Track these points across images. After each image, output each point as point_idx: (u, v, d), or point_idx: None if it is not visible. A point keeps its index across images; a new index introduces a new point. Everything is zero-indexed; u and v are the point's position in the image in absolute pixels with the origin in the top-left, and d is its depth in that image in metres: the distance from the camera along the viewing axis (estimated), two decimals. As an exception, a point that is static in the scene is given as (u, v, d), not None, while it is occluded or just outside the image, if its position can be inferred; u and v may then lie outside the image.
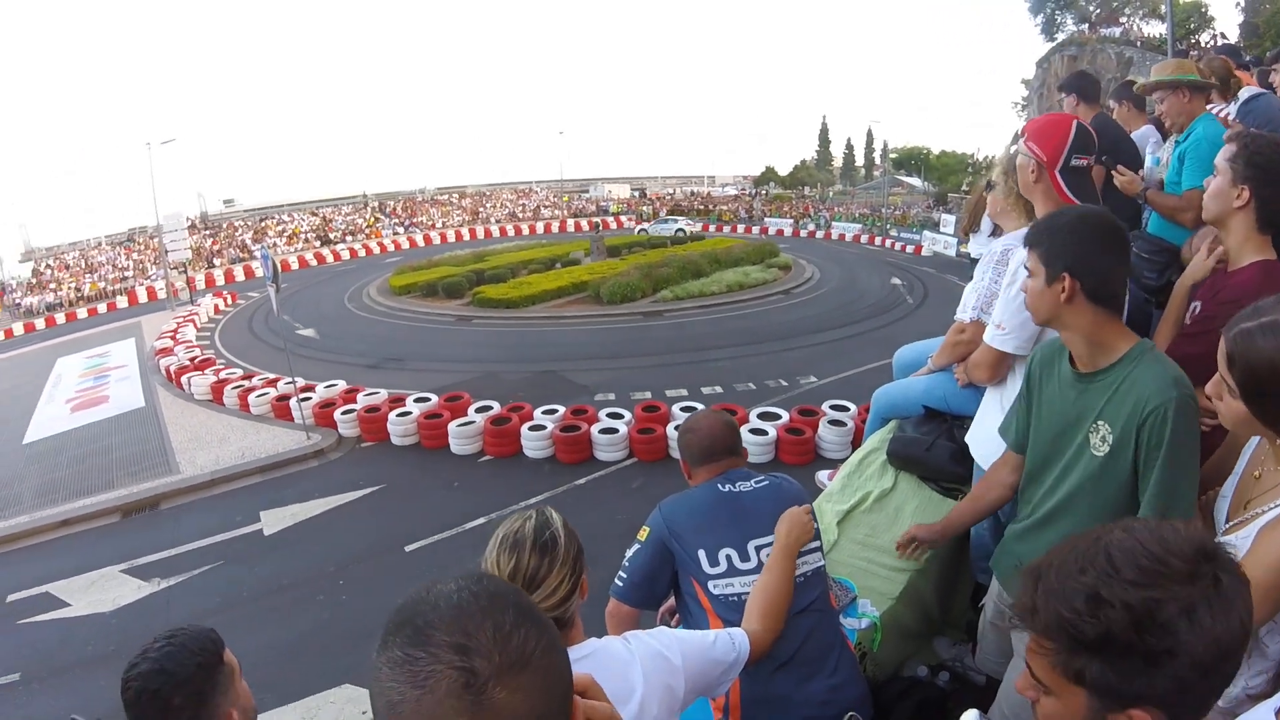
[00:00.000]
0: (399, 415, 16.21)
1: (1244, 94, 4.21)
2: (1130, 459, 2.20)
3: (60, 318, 44.80)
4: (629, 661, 1.83)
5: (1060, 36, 45.15)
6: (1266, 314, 1.71)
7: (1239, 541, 1.88)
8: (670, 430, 14.19)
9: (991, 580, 2.98)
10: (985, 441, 3.15)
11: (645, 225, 54.07)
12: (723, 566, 2.60)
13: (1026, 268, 2.39)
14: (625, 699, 1.75)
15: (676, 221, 52.81)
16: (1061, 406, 2.42)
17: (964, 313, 3.60)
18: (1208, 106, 4.48)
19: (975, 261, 3.72)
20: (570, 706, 0.99)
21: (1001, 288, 3.11)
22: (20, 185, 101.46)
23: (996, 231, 3.68)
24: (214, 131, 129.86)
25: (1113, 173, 4.26)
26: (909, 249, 45.42)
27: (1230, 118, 4.20)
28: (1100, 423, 2.26)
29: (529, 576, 1.75)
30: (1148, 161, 4.39)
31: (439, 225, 64.31)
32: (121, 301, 46.66)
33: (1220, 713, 1.97)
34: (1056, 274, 2.25)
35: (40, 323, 44.23)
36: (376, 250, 56.83)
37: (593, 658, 1.80)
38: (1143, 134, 5.22)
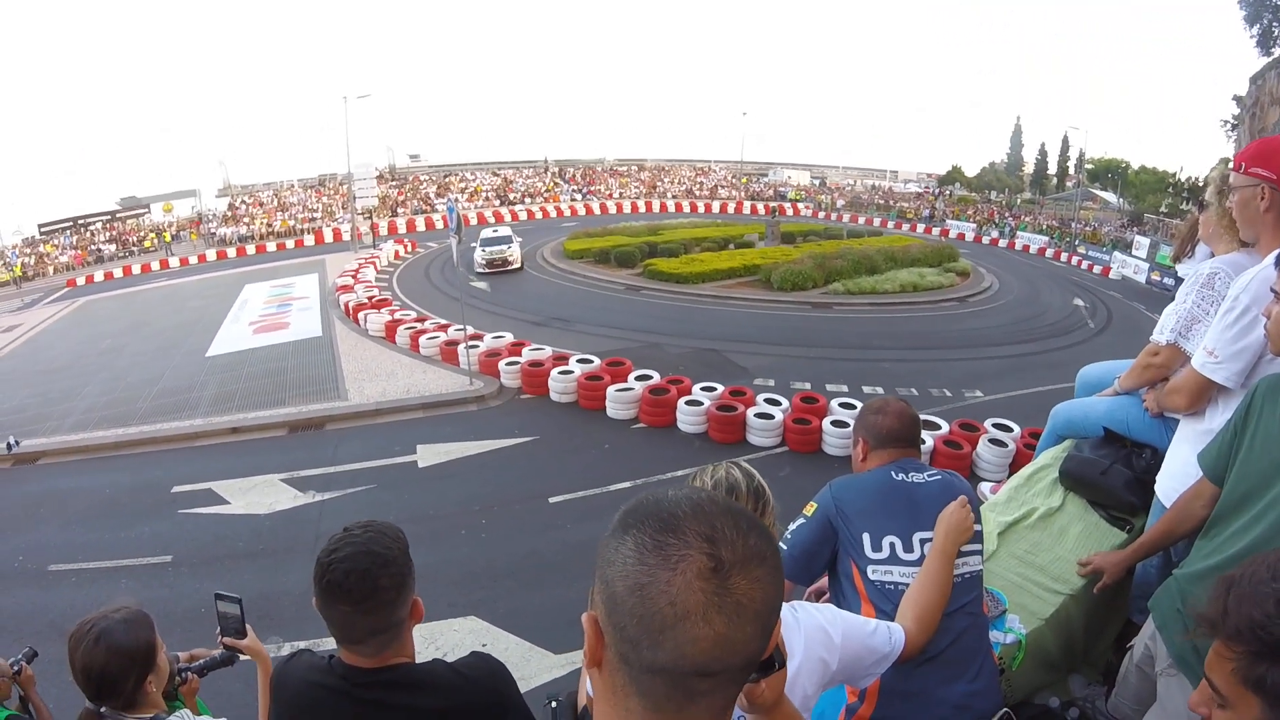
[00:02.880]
0: (561, 373, 16.68)
1: None
2: None
3: (250, 249, 48.10)
4: (793, 628, 1.89)
5: (1277, 51, 41.70)
6: None
7: None
8: (827, 424, 14.06)
9: (1147, 621, 2.87)
10: (1174, 477, 2.99)
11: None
12: (885, 553, 2.60)
13: (1275, 289, 2.26)
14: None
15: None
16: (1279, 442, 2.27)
17: (1160, 335, 3.42)
18: None
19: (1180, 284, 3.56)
20: (781, 607, 1.07)
21: (1218, 314, 2.90)
22: (223, 127, 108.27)
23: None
24: (406, 89, 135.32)
25: None
26: (1096, 269, 43.28)
27: None
28: None
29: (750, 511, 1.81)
30: None
31: (616, 195, 65.07)
32: (308, 239, 49.62)
33: None
34: None
35: (232, 251, 47.62)
36: (554, 214, 58.15)
37: None
38: None
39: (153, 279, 41.69)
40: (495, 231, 37.36)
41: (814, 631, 1.90)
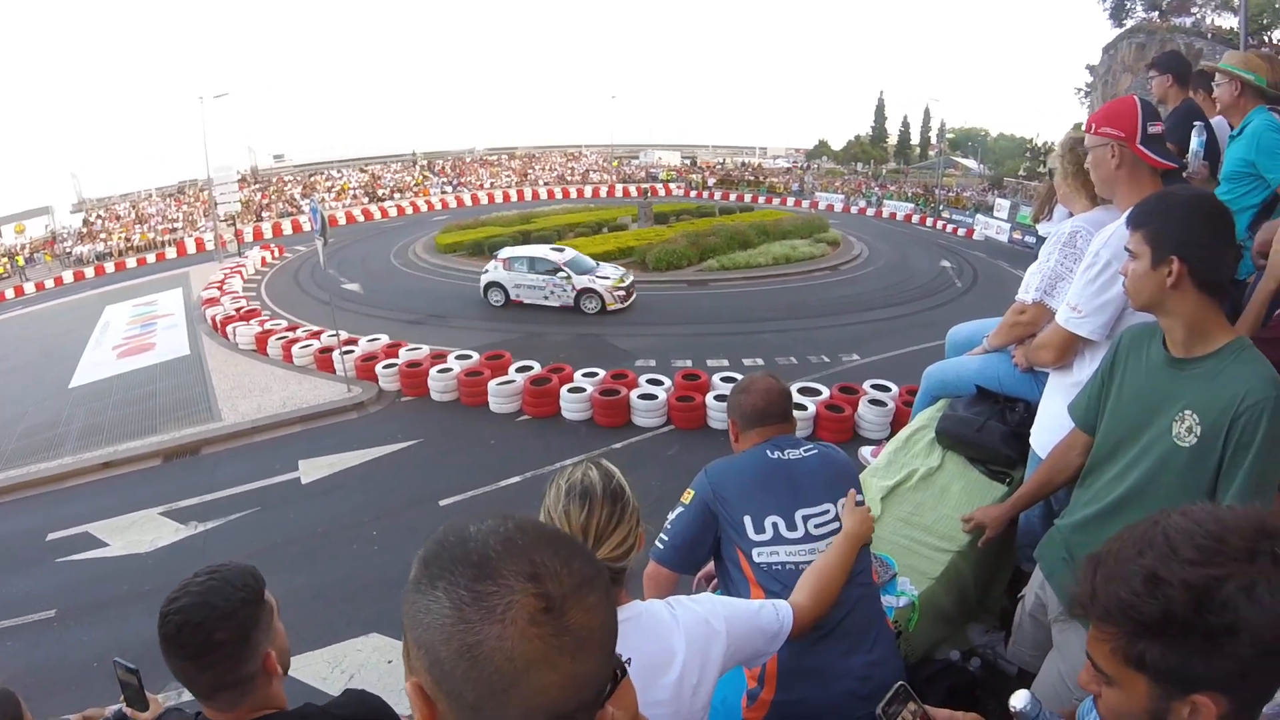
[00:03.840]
0: (440, 371, 16.37)
1: None
2: (1218, 453, 2.12)
3: (110, 267, 45.54)
4: (672, 627, 1.81)
5: (1129, 23, 44.15)
6: None
7: None
8: (710, 400, 14.19)
9: (1035, 570, 2.91)
10: (1047, 429, 3.06)
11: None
12: (768, 534, 2.55)
13: (1129, 249, 2.30)
14: (666, 664, 1.73)
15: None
16: (1147, 390, 2.33)
17: (1025, 293, 3.49)
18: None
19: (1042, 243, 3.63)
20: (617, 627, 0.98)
21: (1078, 270, 3.00)
22: (73, 136, 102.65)
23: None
24: (266, 86, 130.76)
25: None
26: (961, 232, 44.83)
27: None
28: (1188, 412, 2.18)
29: (601, 527, 1.71)
30: (1193, 144, 4.30)
31: (487, 185, 64.33)
32: (170, 252, 47.37)
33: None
34: (1163, 256, 2.16)
35: (90, 271, 45.00)
36: (424, 208, 56.98)
37: (637, 620, 1.77)
38: (1219, 122, 5.07)
39: (7, 308, 38.86)
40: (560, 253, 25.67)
41: (694, 626, 1.82)
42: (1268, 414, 2.01)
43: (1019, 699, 1.77)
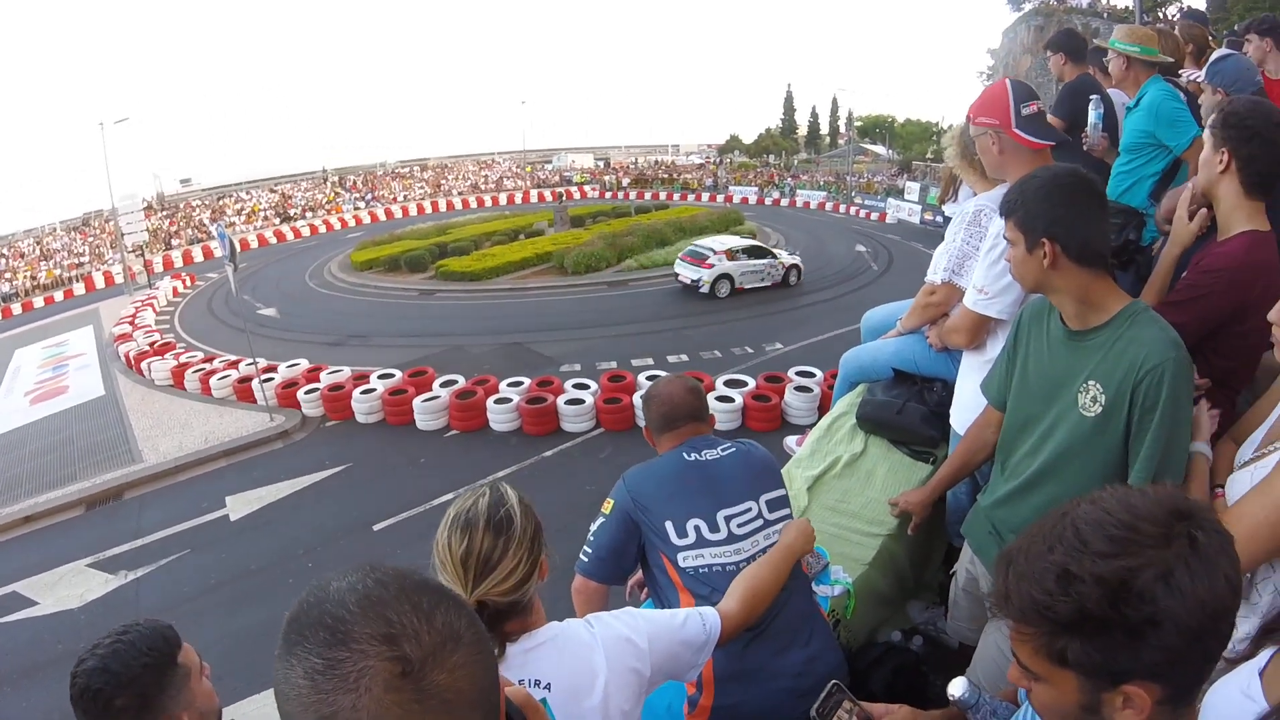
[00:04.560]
0: (363, 393, 16.06)
1: (1213, 56, 4.21)
2: (1124, 420, 2.15)
3: (16, 308, 43.39)
4: (591, 646, 1.74)
5: (1027, 6, 45.43)
6: None
7: (1255, 473, 1.87)
8: (637, 400, 14.12)
9: (964, 546, 2.93)
10: (965, 409, 3.10)
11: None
12: (691, 538, 2.52)
13: (1006, 237, 2.33)
14: (589, 686, 1.68)
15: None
16: (1050, 364, 2.36)
17: (934, 274, 3.54)
18: (1182, 72, 4.50)
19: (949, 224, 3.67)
20: (498, 680, 0.91)
21: (981, 251, 3.06)
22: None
23: None
24: (168, 109, 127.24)
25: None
26: (874, 216, 45.68)
27: (1201, 81, 4.20)
28: (1091, 382, 2.20)
29: (483, 558, 1.61)
30: (1091, 117, 4.41)
31: (401, 199, 63.47)
32: (79, 288, 45.51)
33: None
34: (1036, 240, 2.19)
35: (-4, 314, 43.20)
36: (337, 226, 55.95)
37: (553, 643, 1.71)
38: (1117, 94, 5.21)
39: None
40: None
41: (615, 644, 1.76)
42: (1169, 375, 2.04)
43: (957, 687, 1.76)
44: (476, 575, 1.60)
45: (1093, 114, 4.38)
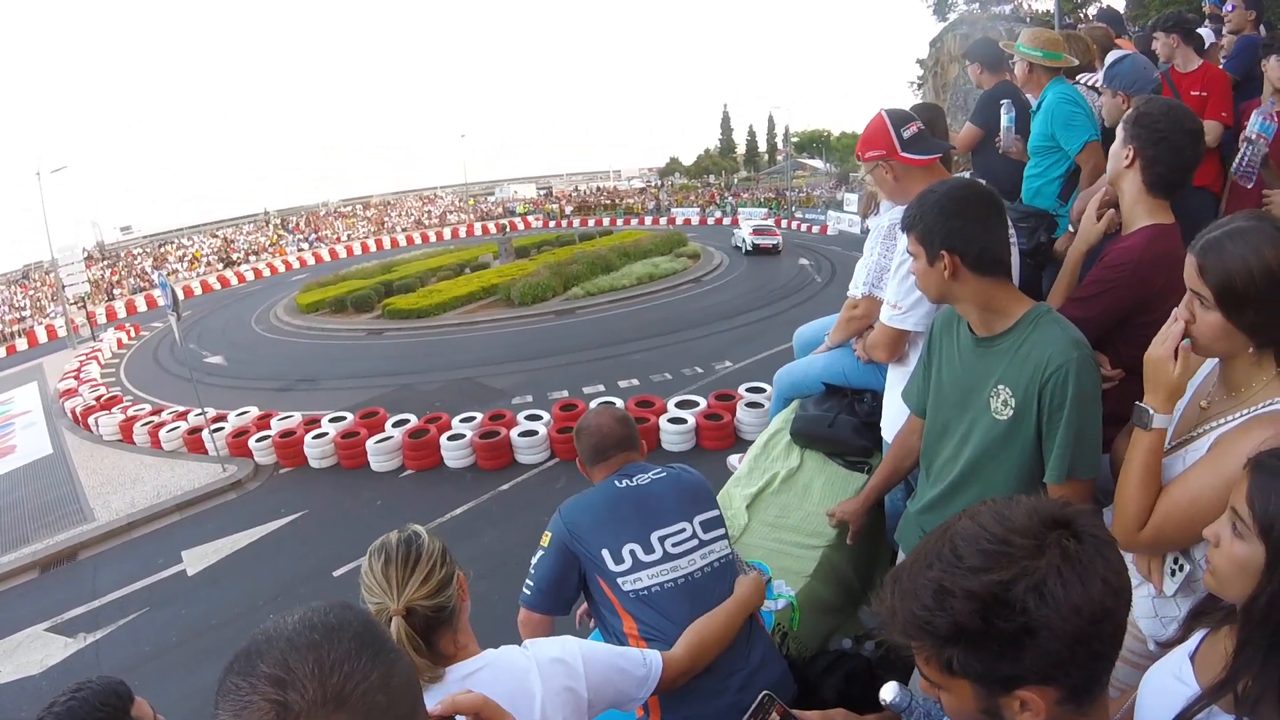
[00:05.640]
0: (315, 437, 15.86)
1: (1109, 59, 4.33)
2: (1034, 421, 2.23)
3: (-42, 367, 42.73)
4: (526, 669, 1.81)
5: (952, 16, 46.30)
6: (1230, 224, 1.77)
7: (1182, 458, 1.94)
8: (589, 427, 14.10)
9: (898, 553, 3.01)
10: (893, 420, 3.18)
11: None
12: (628, 563, 2.58)
13: (909, 251, 2.42)
14: (527, 707, 1.74)
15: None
16: (962, 371, 2.44)
17: (855, 289, 3.62)
18: (1080, 76, 4.63)
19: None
20: None
21: (892, 268, 3.13)
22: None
23: None
24: (106, 157, 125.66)
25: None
26: (815, 229, 46.28)
27: (1099, 84, 4.31)
28: (1001, 387, 2.28)
29: (400, 565, 1.76)
30: (1003, 121, 4.54)
31: (344, 238, 63.22)
32: (21, 344, 44.42)
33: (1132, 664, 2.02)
34: (936, 253, 2.28)
35: (-64, 374, 42.09)
36: (281, 268, 55.56)
37: (489, 668, 1.78)
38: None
39: None
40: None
41: (549, 665, 1.84)
42: (1073, 374, 2.13)
43: (888, 692, 1.80)
44: (399, 582, 1.73)
45: (1004, 118, 4.51)
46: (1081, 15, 32.26)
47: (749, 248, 38.23)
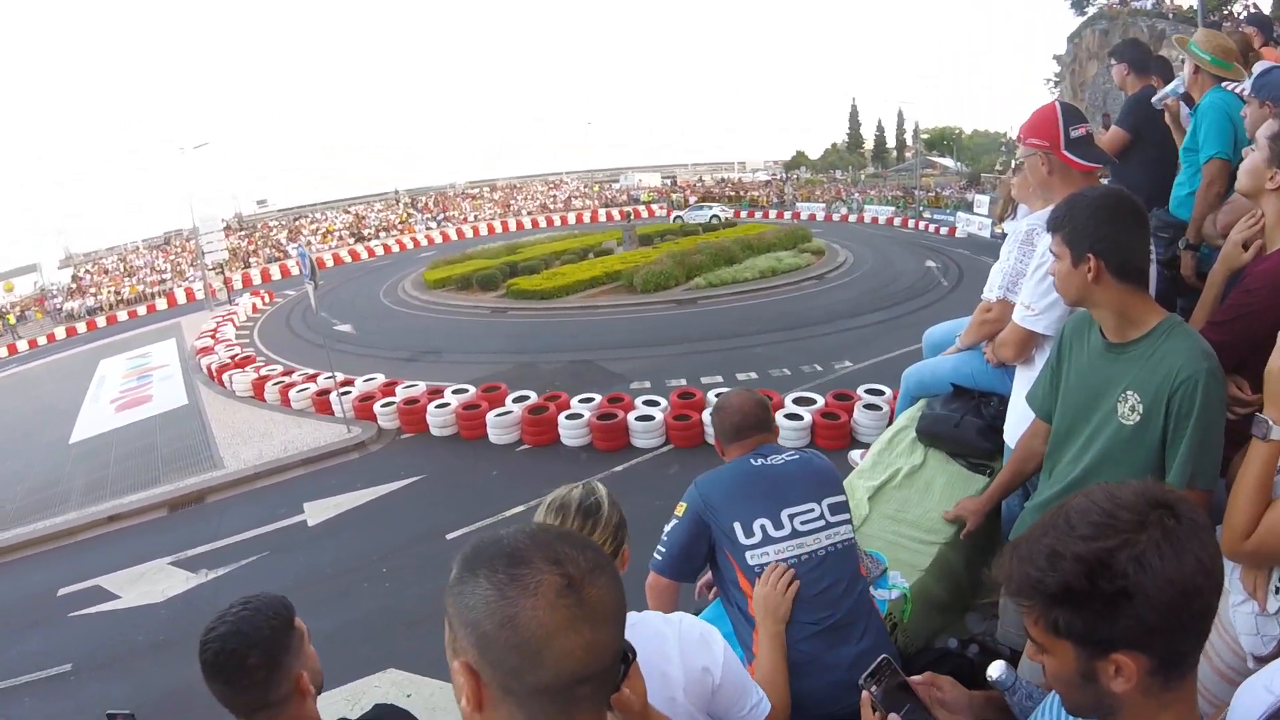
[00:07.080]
0: (437, 407, 16.42)
1: (1258, 68, 4.20)
2: (1160, 428, 2.26)
3: (101, 321, 45.21)
4: (665, 636, 1.96)
5: (1091, 10, 44.47)
6: None
7: None
8: (706, 416, 14.21)
9: None
10: (1017, 422, 3.20)
11: (680, 213, 54.46)
12: (758, 536, 2.68)
13: (1052, 251, 2.46)
14: (660, 668, 1.87)
15: (710, 208, 52.54)
16: (1090, 375, 2.48)
17: (990, 292, 3.66)
18: (1223, 83, 4.52)
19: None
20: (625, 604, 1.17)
21: (1029, 269, 3.17)
22: (57, 192, 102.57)
23: None
24: (246, 133, 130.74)
25: None
26: (943, 231, 44.98)
27: (1245, 93, 4.17)
28: (1130, 392, 2.32)
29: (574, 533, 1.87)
30: (1169, 87, 4.46)
31: (471, 219, 64.22)
32: (160, 304, 47.15)
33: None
34: (1081, 255, 2.32)
35: (81, 326, 44.73)
36: (410, 245, 56.92)
37: (634, 628, 1.90)
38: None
39: (1, 367, 39.05)
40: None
41: (693, 643, 1.98)
42: (1201, 385, 2.17)
43: (995, 669, 1.90)
44: None
45: (1174, 83, 4.44)
46: (1226, 12, 30.61)
47: None
